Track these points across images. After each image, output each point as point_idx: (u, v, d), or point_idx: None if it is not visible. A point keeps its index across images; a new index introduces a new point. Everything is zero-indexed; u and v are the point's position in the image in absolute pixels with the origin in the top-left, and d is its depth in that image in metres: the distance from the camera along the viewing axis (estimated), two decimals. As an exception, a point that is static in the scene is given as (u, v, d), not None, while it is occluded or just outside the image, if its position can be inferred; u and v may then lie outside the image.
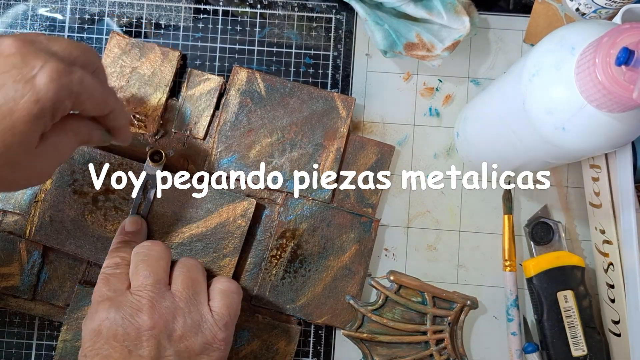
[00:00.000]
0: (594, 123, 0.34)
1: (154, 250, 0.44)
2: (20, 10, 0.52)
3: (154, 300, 0.40)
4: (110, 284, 0.42)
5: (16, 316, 0.51)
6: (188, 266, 0.44)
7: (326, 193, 0.50)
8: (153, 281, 0.41)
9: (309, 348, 0.51)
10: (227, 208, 0.49)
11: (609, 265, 0.48)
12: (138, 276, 0.42)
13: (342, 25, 0.53)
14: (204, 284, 0.43)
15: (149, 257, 0.43)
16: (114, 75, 0.50)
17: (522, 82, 0.36)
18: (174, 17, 0.53)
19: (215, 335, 0.41)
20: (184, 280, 0.42)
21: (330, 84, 0.52)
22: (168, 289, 0.42)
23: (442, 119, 0.53)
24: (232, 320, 0.42)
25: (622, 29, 0.31)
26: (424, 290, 0.50)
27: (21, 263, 0.49)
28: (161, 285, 0.42)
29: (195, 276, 0.43)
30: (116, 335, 0.39)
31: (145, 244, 0.44)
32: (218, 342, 0.41)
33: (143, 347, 0.39)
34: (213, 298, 0.43)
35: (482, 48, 0.53)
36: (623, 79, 0.31)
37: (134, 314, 0.40)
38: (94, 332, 0.40)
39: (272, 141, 0.50)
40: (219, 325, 0.41)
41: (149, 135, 0.50)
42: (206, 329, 0.41)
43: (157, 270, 0.42)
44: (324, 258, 0.50)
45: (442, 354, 0.50)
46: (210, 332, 0.41)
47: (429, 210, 0.52)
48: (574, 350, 0.49)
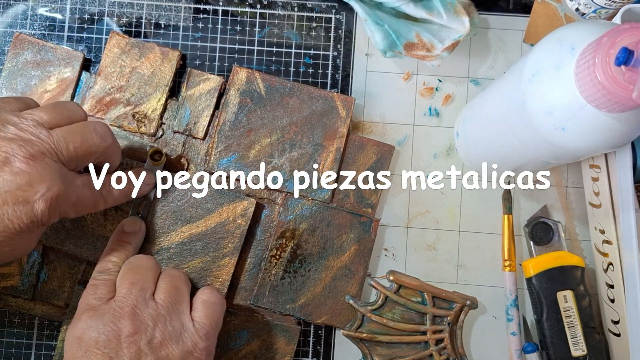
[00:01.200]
0: (593, 123, 0.34)
1: (145, 262, 0.44)
2: (19, 10, 0.52)
3: (136, 308, 0.41)
4: (97, 292, 0.42)
5: (16, 316, 0.51)
6: (172, 276, 0.44)
7: (326, 193, 0.50)
8: (138, 289, 0.42)
9: (308, 348, 0.51)
10: (227, 208, 0.49)
11: (608, 265, 0.48)
12: (124, 283, 0.42)
13: (342, 25, 0.53)
14: (186, 293, 0.44)
15: (138, 267, 0.43)
16: (114, 75, 0.50)
17: (522, 82, 0.36)
18: (174, 17, 0.53)
19: (196, 344, 0.41)
20: (166, 289, 0.43)
21: (330, 83, 0.52)
22: (152, 298, 0.42)
23: (441, 119, 0.53)
24: (213, 330, 0.43)
25: (621, 29, 0.31)
26: (424, 290, 0.50)
27: (21, 263, 0.49)
28: (146, 293, 0.42)
29: (178, 285, 0.43)
30: (97, 342, 0.39)
31: (138, 256, 0.45)
32: (199, 351, 0.41)
33: (124, 353, 0.39)
34: (195, 308, 0.43)
35: (481, 48, 0.53)
36: (623, 79, 0.31)
37: (116, 320, 0.40)
38: (75, 339, 0.40)
39: (271, 141, 0.50)
40: (199, 334, 0.41)
41: (148, 135, 0.50)
42: (187, 338, 0.41)
43: (145, 279, 0.43)
44: (324, 258, 0.50)
45: (442, 354, 0.50)
46: (191, 341, 0.41)
47: (428, 210, 0.52)
48: (574, 350, 0.49)
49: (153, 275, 0.43)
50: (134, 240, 0.46)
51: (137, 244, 0.47)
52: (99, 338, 0.39)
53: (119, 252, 0.45)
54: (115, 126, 0.50)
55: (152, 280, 0.43)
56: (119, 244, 0.46)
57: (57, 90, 0.50)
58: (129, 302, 0.41)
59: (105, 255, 0.45)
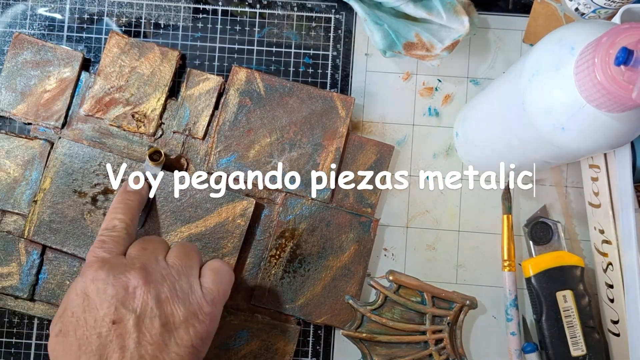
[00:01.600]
0: (593, 123, 0.34)
1: (157, 238, 0.45)
2: (19, 9, 0.52)
3: (147, 265, 0.41)
4: (105, 246, 0.42)
5: (15, 316, 0.51)
6: (184, 244, 0.45)
7: (325, 193, 0.50)
8: (150, 252, 0.42)
9: (308, 348, 0.51)
10: (226, 208, 0.49)
11: (608, 265, 0.48)
12: (136, 246, 0.43)
13: (342, 25, 0.53)
14: (197, 260, 0.44)
15: (151, 238, 0.44)
16: (113, 75, 0.50)
17: (522, 82, 0.36)
18: (173, 16, 0.53)
19: (201, 308, 0.41)
20: (178, 253, 0.43)
21: (330, 83, 0.52)
22: (163, 259, 0.43)
23: (441, 118, 0.53)
24: (220, 298, 0.43)
25: (621, 29, 0.31)
26: (423, 290, 0.50)
27: (20, 263, 0.49)
28: (158, 256, 0.42)
29: (189, 251, 0.44)
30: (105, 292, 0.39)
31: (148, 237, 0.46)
32: (203, 315, 0.41)
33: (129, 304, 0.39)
34: (204, 274, 0.43)
35: (481, 48, 0.53)
36: (622, 78, 0.31)
37: (126, 272, 0.40)
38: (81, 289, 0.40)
39: (271, 141, 0.50)
40: (206, 298, 0.42)
41: (148, 135, 0.50)
42: (193, 300, 0.41)
43: (157, 247, 0.43)
44: (323, 258, 0.50)
45: (442, 354, 0.50)
46: (197, 304, 0.41)
47: (428, 210, 0.52)
48: (573, 350, 0.49)
49: (163, 248, 0.44)
50: (137, 198, 0.46)
51: (142, 202, 0.47)
52: (107, 289, 0.39)
53: (124, 210, 0.45)
54: (114, 126, 0.50)
55: (163, 249, 0.44)
56: (123, 202, 0.46)
57: (56, 90, 0.50)
58: (140, 259, 0.41)
59: (111, 213, 0.45)
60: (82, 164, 0.49)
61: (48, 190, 0.48)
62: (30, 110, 0.50)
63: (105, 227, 0.44)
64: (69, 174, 0.48)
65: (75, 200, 0.48)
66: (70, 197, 0.48)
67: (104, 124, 0.50)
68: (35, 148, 0.49)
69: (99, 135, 0.50)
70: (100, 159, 0.49)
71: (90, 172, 0.49)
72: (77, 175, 0.49)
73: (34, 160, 0.49)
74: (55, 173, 0.48)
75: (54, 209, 0.48)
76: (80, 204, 0.48)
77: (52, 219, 0.48)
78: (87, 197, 0.48)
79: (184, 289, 0.41)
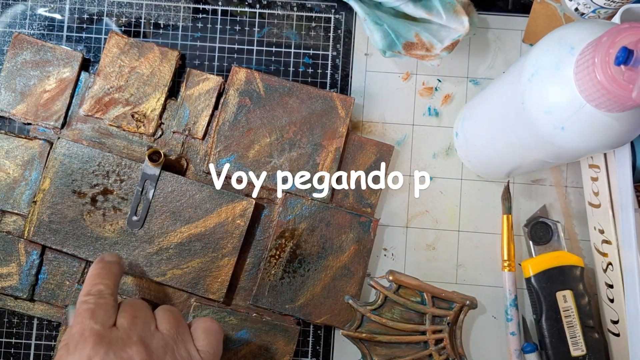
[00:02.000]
0: (593, 123, 0.34)
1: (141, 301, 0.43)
2: (19, 10, 0.52)
3: (144, 338, 0.40)
4: (96, 316, 0.39)
5: (15, 316, 0.51)
6: (169, 310, 0.44)
7: (325, 193, 0.50)
8: (142, 322, 0.41)
9: (308, 348, 0.51)
10: (226, 208, 0.49)
11: (608, 265, 0.48)
12: (126, 316, 0.41)
13: (341, 25, 0.53)
14: (185, 323, 0.43)
15: (136, 303, 0.43)
16: (113, 75, 0.50)
17: (521, 82, 0.36)
18: (173, 16, 0.53)
19: None
20: (169, 320, 0.42)
21: (329, 83, 0.52)
22: (157, 329, 0.42)
23: (441, 118, 0.53)
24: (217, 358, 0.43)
25: (621, 29, 0.31)
26: (423, 290, 0.50)
27: (20, 263, 0.49)
28: (150, 326, 0.41)
29: (177, 316, 0.43)
30: None
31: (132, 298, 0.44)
32: None
33: None
34: (198, 337, 0.43)
35: (481, 48, 0.53)
36: (622, 78, 0.31)
37: (127, 347, 0.39)
38: None
39: (271, 141, 0.50)
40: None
41: (147, 135, 0.50)
42: None
43: (146, 314, 0.42)
44: (323, 258, 0.50)
45: (441, 354, 0.49)
46: None
47: (428, 210, 0.52)
48: (573, 350, 0.49)
49: (151, 312, 0.43)
50: (117, 267, 0.45)
51: (120, 272, 0.45)
52: None
53: (108, 275, 0.43)
54: (114, 126, 0.50)
55: (152, 316, 0.42)
56: (105, 268, 0.44)
57: (56, 90, 0.50)
58: (136, 332, 0.40)
59: (95, 279, 0.43)
60: (82, 164, 0.49)
61: (47, 190, 0.48)
62: (29, 110, 0.50)
63: (89, 292, 0.41)
64: (69, 174, 0.48)
65: (74, 200, 0.48)
66: (70, 198, 0.48)
67: (103, 124, 0.50)
68: (35, 148, 0.49)
69: (99, 136, 0.50)
70: (99, 159, 0.49)
71: (90, 172, 0.49)
72: (76, 176, 0.48)
73: (34, 161, 0.49)
74: (54, 173, 0.48)
75: (54, 210, 0.48)
76: (79, 205, 0.48)
77: (51, 220, 0.48)
78: (87, 198, 0.48)
79: (183, 357, 0.41)
